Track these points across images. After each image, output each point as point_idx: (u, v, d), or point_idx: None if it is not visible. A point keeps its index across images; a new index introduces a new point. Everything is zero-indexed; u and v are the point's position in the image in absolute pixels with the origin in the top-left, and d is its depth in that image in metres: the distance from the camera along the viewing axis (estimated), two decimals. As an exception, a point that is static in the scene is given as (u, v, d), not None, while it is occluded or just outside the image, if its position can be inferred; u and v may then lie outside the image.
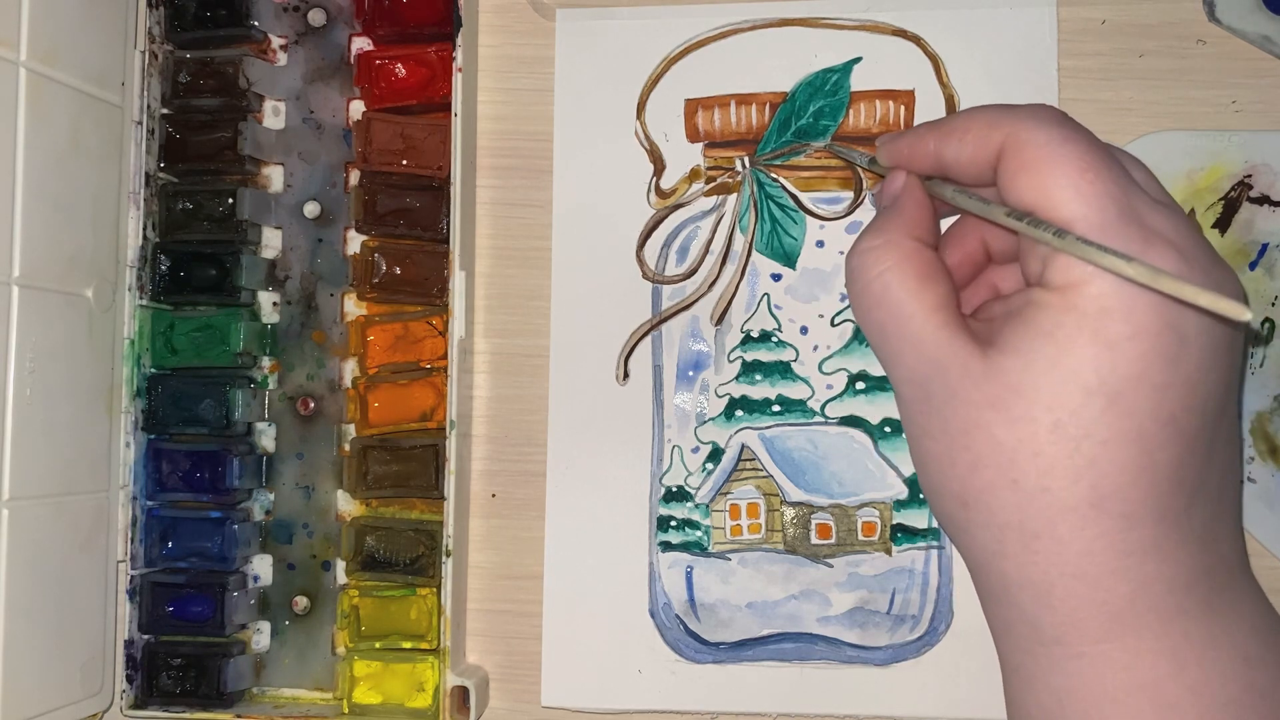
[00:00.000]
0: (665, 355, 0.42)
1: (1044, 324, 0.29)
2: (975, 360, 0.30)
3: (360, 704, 0.41)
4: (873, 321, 0.32)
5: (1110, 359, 0.28)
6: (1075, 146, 0.29)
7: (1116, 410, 0.28)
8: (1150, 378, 0.28)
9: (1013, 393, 0.29)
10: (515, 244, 0.43)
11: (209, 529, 0.42)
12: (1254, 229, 0.40)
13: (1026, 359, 0.29)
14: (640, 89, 0.42)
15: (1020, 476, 0.29)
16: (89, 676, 0.41)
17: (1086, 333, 0.28)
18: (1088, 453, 0.28)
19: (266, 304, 0.44)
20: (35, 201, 0.38)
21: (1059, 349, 0.28)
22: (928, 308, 0.31)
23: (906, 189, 0.33)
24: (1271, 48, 0.40)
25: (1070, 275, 0.28)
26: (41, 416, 0.38)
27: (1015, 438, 0.29)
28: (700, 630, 0.41)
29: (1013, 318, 0.30)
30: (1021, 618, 0.30)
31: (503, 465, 0.43)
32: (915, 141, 0.34)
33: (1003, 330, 0.30)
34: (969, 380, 0.29)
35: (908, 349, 0.31)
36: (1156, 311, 0.28)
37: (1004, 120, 0.31)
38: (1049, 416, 0.28)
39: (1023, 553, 0.29)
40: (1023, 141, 0.30)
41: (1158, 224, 0.29)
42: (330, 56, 0.44)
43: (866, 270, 0.32)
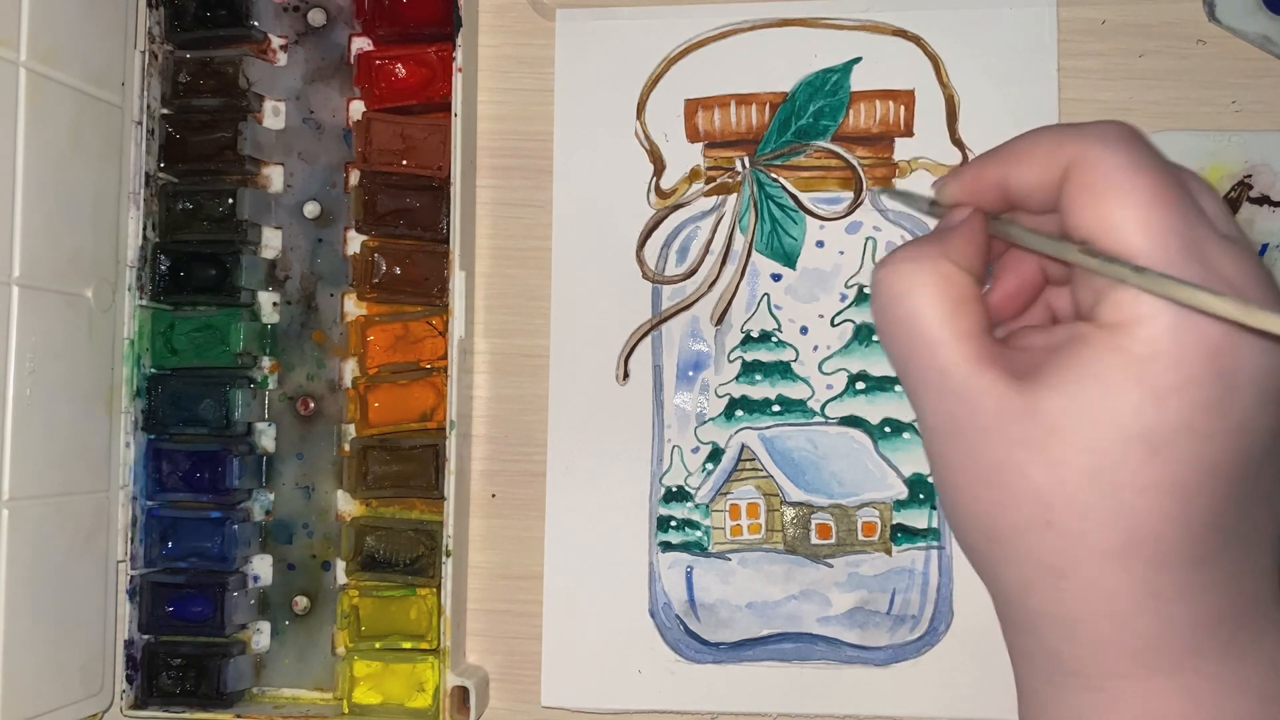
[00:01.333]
0: (665, 355, 0.42)
1: (1089, 363, 0.28)
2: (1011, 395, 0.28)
3: (360, 704, 0.41)
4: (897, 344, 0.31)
5: (1155, 407, 0.27)
6: (1145, 175, 0.28)
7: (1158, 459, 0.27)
8: (1195, 427, 0.27)
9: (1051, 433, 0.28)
10: (515, 244, 0.43)
11: (209, 529, 0.42)
12: (1254, 229, 0.40)
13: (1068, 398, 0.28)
14: (640, 89, 0.42)
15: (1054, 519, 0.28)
16: (89, 676, 0.41)
17: (1133, 377, 0.27)
18: (1125, 500, 0.28)
19: (266, 304, 0.44)
20: (35, 201, 0.38)
21: (1103, 391, 0.27)
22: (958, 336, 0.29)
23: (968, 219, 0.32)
24: (1271, 48, 0.40)
25: (1122, 313, 0.27)
26: (41, 416, 0.38)
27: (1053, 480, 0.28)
28: (700, 630, 0.41)
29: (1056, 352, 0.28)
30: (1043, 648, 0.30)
31: (503, 465, 0.43)
32: (978, 173, 0.32)
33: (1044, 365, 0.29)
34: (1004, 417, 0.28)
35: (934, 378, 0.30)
36: (1208, 359, 0.27)
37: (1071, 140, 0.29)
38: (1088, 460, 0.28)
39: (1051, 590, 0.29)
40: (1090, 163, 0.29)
41: (1221, 264, 0.28)
42: (330, 56, 0.44)
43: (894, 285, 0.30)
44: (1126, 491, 0.28)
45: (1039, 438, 0.28)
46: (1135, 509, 0.28)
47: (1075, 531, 0.28)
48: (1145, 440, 0.27)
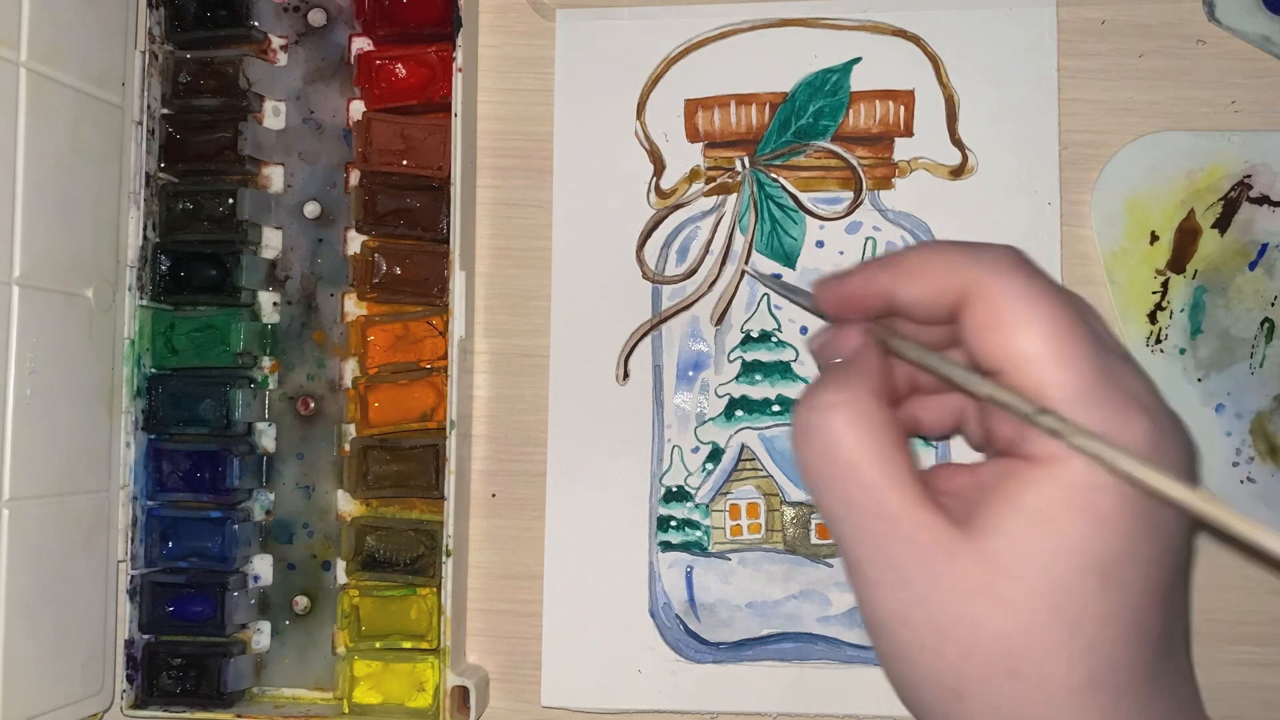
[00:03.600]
0: (665, 355, 0.42)
1: (1030, 501, 0.27)
2: (960, 544, 0.28)
3: (360, 704, 0.41)
4: (835, 495, 0.29)
5: (1101, 536, 0.27)
6: (1047, 305, 0.28)
7: (1110, 587, 0.27)
8: (1139, 551, 0.27)
9: (1007, 578, 0.27)
10: (515, 244, 0.43)
11: (209, 529, 0.42)
12: (1254, 229, 0.40)
13: (1017, 541, 0.27)
14: (640, 89, 0.42)
15: (1019, 666, 0.28)
16: (89, 676, 0.41)
17: (1078, 509, 0.27)
18: (1087, 632, 0.27)
19: (266, 304, 0.44)
20: (35, 201, 0.38)
21: (1050, 529, 0.27)
22: (901, 483, 0.28)
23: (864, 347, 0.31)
24: (1271, 48, 0.40)
25: (1053, 447, 0.27)
26: (41, 416, 0.38)
27: (1014, 627, 0.27)
28: (700, 630, 0.41)
29: (992, 494, 0.28)
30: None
31: (503, 465, 0.43)
32: (865, 281, 0.31)
33: (980, 506, 0.28)
34: (955, 566, 0.28)
35: (879, 528, 0.28)
36: None
37: (965, 265, 0.29)
38: (1047, 601, 0.27)
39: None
40: (990, 294, 0.28)
41: (1130, 385, 0.28)
42: (330, 56, 0.44)
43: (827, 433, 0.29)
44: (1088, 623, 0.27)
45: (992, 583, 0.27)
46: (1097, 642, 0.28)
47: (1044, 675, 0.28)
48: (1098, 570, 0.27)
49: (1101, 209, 0.40)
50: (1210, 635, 0.40)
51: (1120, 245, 0.40)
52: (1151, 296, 0.40)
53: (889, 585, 0.29)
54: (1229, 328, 0.40)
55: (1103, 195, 0.40)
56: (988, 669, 0.28)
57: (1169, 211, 0.40)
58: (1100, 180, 0.41)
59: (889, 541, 0.28)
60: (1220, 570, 0.40)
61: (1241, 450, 0.40)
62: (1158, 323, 0.40)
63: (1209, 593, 0.40)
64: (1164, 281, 0.40)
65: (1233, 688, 0.40)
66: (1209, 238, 0.40)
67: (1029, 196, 0.41)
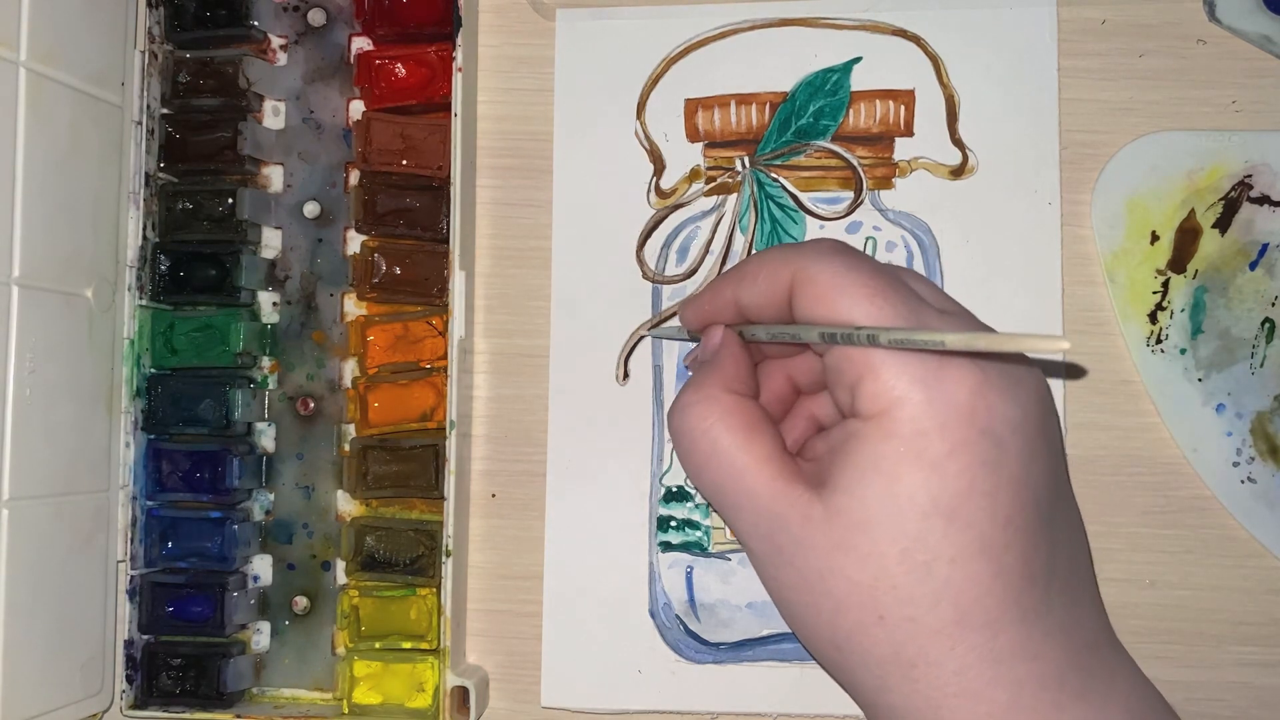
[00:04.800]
0: (665, 355, 0.42)
1: (867, 456, 0.29)
2: (814, 506, 0.30)
3: (360, 704, 0.41)
4: (706, 480, 0.32)
5: (938, 478, 0.29)
6: (859, 274, 0.30)
7: (955, 526, 0.29)
8: (978, 486, 0.29)
9: (855, 531, 0.29)
10: (515, 244, 0.43)
11: (209, 529, 0.42)
12: (1254, 229, 0.40)
13: (859, 495, 0.29)
14: (640, 89, 0.42)
15: (884, 612, 0.29)
16: (89, 676, 0.41)
17: (909, 457, 0.29)
18: (940, 574, 0.29)
19: (266, 304, 0.44)
20: (35, 201, 0.38)
21: (887, 479, 0.29)
22: (759, 460, 0.31)
23: (724, 343, 0.34)
24: (1271, 48, 0.40)
25: (880, 402, 0.29)
26: (41, 416, 0.38)
27: (870, 575, 0.29)
28: (700, 630, 0.41)
29: (837, 454, 0.30)
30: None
31: (503, 465, 0.43)
32: (714, 295, 0.35)
33: (830, 468, 0.30)
34: (811, 527, 0.30)
35: (745, 503, 0.31)
36: (967, 421, 0.29)
37: (790, 259, 0.32)
38: (895, 547, 0.29)
39: (904, 683, 0.30)
40: (810, 276, 0.31)
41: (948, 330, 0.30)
42: (330, 56, 0.44)
43: (691, 428, 0.32)
44: (939, 565, 0.29)
45: (848, 537, 0.29)
46: (952, 580, 0.29)
47: (907, 618, 0.29)
48: (938, 512, 0.29)
49: (1102, 209, 0.40)
50: (1210, 635, 0.40)
51: (1120, 245, 0.40)
52: (1152, 296, 0.40)
53: (766, 554, 0.31)
54: (1229, 328, 0.40)
55: (1103, 195, 0.40)
56: (858, 619, 0.30)
57: (1169, 211, 0.40)
58: (1100, 180, 0.41)
59: (756, 515, 0.31)
60: (1220, 570, 0.40)
61: (1242, 450, 0.40)
62: (1158, 323, 0.40)
63: (1209, 593, 0.40)
64: (1164, 281, 0.40)
65: (1233, 688, 0.40)
66: (1209, 238, 0.40)
67: (1029, 196, 0.41)
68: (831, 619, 0.30)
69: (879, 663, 0.30)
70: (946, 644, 0.29)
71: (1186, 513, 0.40)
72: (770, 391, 0.36)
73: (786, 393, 0.36)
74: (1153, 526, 0.40)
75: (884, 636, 0.30)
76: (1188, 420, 0.40)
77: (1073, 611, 0.31)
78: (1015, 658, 0.29)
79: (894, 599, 0.29)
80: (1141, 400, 0.40)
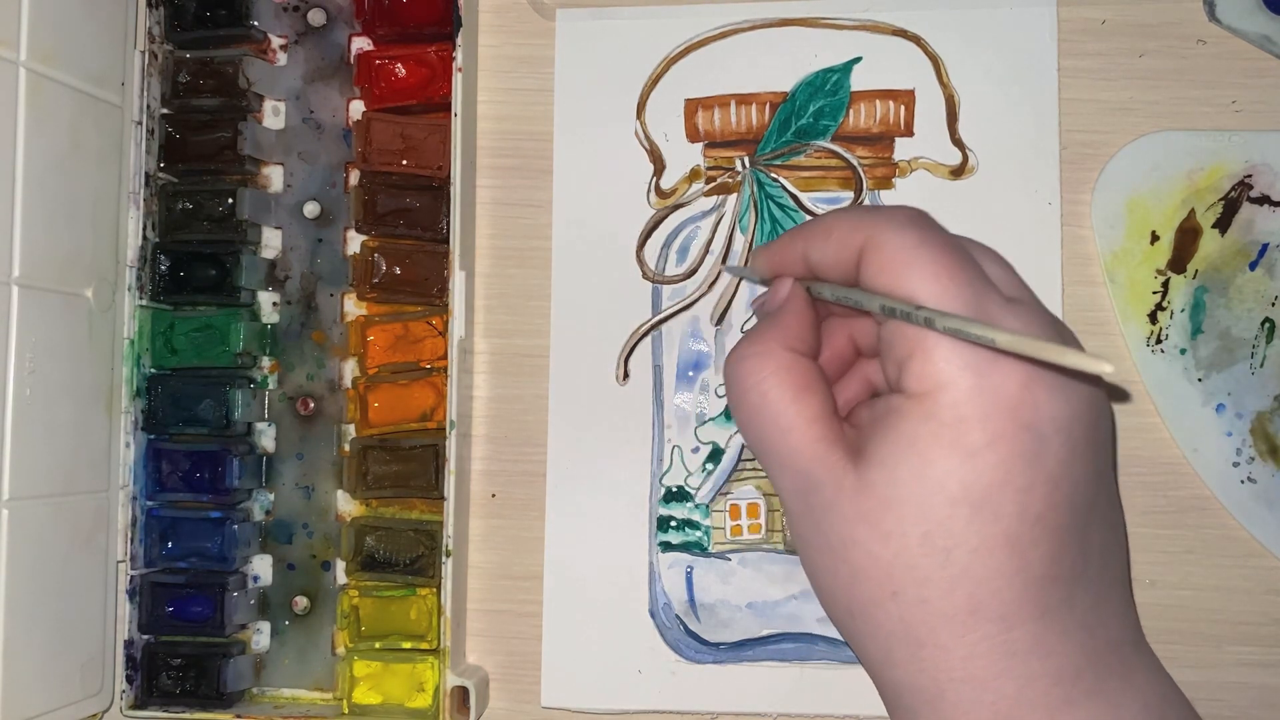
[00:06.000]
0: (665, 355, 0.42)
1: (904, 434, 0.29)
2: (848, 474, 0.30)
3: (360, 704, 0.41)
4: (753, 430, 0.32)
5: (972, 467, 0.28)
6: (930, 249, 0.30)
7: (983, 517, 0.28)
8: (1012, 481, 0.28)
9: (882, 507, 0.29)
10: (515, 244, 0.43)
11: (209, 529, 0.42)
12: (1254, 229, 0.40)
13: (891, 471, 0.29)
14: (640, 89, 0.42)
15: (899, 589, 0.29)
16: (89, 676, 0.41)
17: (945, 442, 0.28)
18: (959, 562, 0.29)
19: (266, 304, 0.44)
20: (35, 201, 0.38)
21: (921, 460, 0.29)
22: (806, 419, 0.31)
23: (790, 297, 0.34)
24: (1271, 48, 0.40)
25: (926, 382, 0.29)
26: (41, 416, 0.38)
27: (890, 552, 0.29)
28: (700, 630, 0.41)
29: (876, 426, 0.30)
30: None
31: (503, 465, 0.43)
32: (785, 247, 0.34)
33: (869, 440, 0.30)
34: (842, 495, 0.30)
35: (787, 460, 0.31)
36: (1010, 414, 0.28)
37: (864, 223, 0.31)
38: (918, 529, 0.29)
39: (910, 661, 0.30)
40: (881, 243, 0.30)
41: (1006, 323, 0.29)
42: (330, 56, 0.44)
43: (745, 379, 0.32)
44: (960, 553, 0.29)
45: (874, 512, 0.29)
46: (971, 570, 0.29)
47: (920, 599, 0.29)
48: (967, 500, 0.28)
49: (1102, 209, 0.40)
50: (1210, 635, 0.40)
51: (1120, 245, 0.40)
52: (1152, 296, 0.40)
53: (798, 513, 0.32)
54: (1229, 328, 0.40)
55: (1103, 195, 0.40)
56: (873, 591, 0.30)
57: (1169, 211, 0.40)
58: (1100, 180, 0.41)
59: (795, 473, 0.31)
60: (1220, 570, 0.40)
61: (1242, 450, 0.40)
62: (1158, 323, 0.40)
63: (1209, 593, 0.40)
64: (1164, 281, 0.40)
65: (1233, 688, 0.40)
66: (1209, 238, 0.40)
67: (1029, 196, 0.41)
68: (848, 587, 0.30)
69: (888, 637, 0.30)
70: (958, 630, 0.29)
71: (1186, 513, 0.40)
72: (832, 349, 0.35)
73: (848, 352, 0.36)
74: (1153, 526, 0.40)
75: (895, 613, 0.29)
76: (1188, 420, 0.40)
77: (1096, 611, 0.30)
78: (1029, 653, 0.29)
79: (910, 579, 0.29)
80: (1141, 400, 0.40)
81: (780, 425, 0.31)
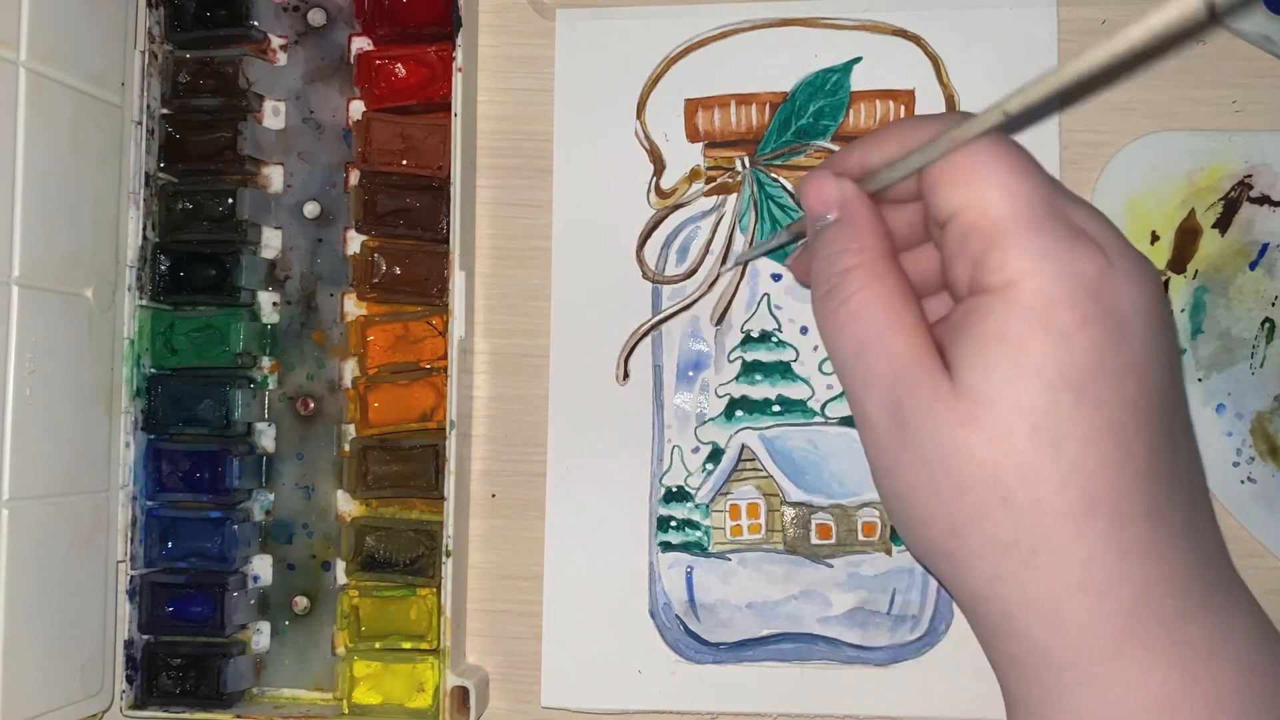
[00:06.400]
0: (665, 355, 0.42)
1: (993, 329, 0.28)
2: (943, 379, 0.29)
3: (360, 704, 0.41)
4: (848, 340, 0.31)
5: (1068, 350, 0.28)
6: (1001, 147, 0.29)
7: (1086, 403, 0.28)
8: (1107, 365, 0.28)
9: (983, 406, 0.28)
10: (515, 244, 0.43)
11: (209, 529, 0.42)
12: (1254, 229, 0.40)
13: (986, 369, 0.28)
14: (640, 89, 0.42)
15: (1009, 493, 0.28)
16: (89, 676, 0.41)
17: (1038, 328, 0.28)
18: (1070, 453, 0.28)
19: (266, 304, 0.44)
20: (35, 201, 0.38)
21: (1015, 350, 0.28)
22: (908, 326, 0.30)
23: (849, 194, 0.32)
24: (1271, 48, 0.40)
25: (1006, 273, 0.28)
26: (41, 416, 0.38)
27: (997, 453, 0.28)
28: (700, 630, 0.41)
29: (960, 331, 0.29)
30: (1030, 648, 0.29)
31: (503, 465, 0.43)
32: (842, 159, 0.33)
33: (954, 347, 0.29)
34: (940, 401, 0.29)
35: (883, 369, 0.30)
36: (1094, 297, 0.28)
37: (928, 124, 0.31)
38: (1024, 422, 0.28)
39: (1024, 571, 0.28)
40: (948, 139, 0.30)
41: (1081, 220, 0.29)
42: (330, 56, 0.44)
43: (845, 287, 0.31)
44: (1070, 443, 0.28)
45: (975, 413, 0.28)
46: (1082, 461, 0.28)
47: (1033, 500, 0.28)
48: (1069, 385, 0.28)
49: (1102, 209, 0.40)
50: (1210, 635, 0.40)
51: (1120, 245, 0.40)
52: (1152, 296, 0.40)
53: (889, 430, 0.30)
54: (1229, 328, 0.40)
55: (1103, 195, 0.40)
56: (981, 500, 0.28)
57: (1169, 211, 0.40)
58: (1100, 180, 0.41)
59: (890, 380, 0.30)
60: (1220, 570, 0.40)
61: (1242, 450, 0.40)
62: (1158, 323, 0.40)
63: (1209, 593, 0.40)
64: (1164, 281, 0.40)
65: (1233, 688, 0.40)
66: (1209, 238, 0.40)
67: (1029, 196, 0.41)
68: (952, 501, 0.29)
69: (997, 549, 0.28)
70: (1074, 530, 0.28)
71: (1186, 513, 0.40)
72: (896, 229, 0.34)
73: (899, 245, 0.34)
74: (1153, 526, 0.40)
75: (1006, 520, 0.28)
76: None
77: (1195, 520, 0.30)
78: (1144, 554, 0.28)
79: (1020, 478, 0.28)
80: (1141, 400, 0.40)
81: (878, 331, 0.30)
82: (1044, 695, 0.29)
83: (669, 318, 0.42)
